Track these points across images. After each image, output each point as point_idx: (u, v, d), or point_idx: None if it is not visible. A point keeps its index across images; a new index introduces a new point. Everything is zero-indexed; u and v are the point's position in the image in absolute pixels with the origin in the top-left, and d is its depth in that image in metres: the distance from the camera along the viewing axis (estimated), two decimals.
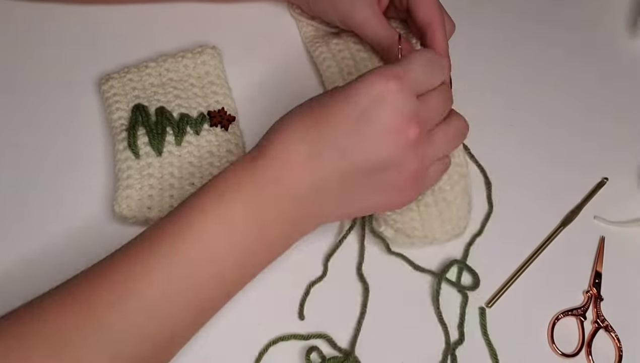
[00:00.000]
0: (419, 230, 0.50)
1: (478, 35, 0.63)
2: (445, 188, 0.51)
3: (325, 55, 0.58)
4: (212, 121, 0.53)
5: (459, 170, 0.52)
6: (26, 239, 0.49)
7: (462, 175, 0.52)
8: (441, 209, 0.50)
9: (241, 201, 0.40)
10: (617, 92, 0.63)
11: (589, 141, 0.59)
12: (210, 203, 0.40)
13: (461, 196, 0.51)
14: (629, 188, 0.57)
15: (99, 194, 0.51)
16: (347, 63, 0.57)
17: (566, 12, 0.68)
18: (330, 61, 0.58)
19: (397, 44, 0.51)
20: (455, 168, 0.51)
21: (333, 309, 0.49)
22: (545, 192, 0.56)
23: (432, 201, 0.51)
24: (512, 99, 0.61)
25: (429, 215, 0.50)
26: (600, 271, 0.52)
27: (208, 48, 0.57)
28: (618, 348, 0.50)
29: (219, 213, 0.40)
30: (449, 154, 0.47)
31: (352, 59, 0.57)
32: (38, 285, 0.47)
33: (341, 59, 0.57)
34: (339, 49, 0.58)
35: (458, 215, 0.51)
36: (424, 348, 0.48)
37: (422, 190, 0.45)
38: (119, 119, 0.52)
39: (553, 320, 0.50)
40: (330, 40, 0.59)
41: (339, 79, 0.57)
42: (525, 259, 0.52)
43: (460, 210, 0.51)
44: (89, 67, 0.57)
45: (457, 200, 0.51)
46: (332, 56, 0.58)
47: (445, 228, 0.50)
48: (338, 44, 0.58)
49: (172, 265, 0.39)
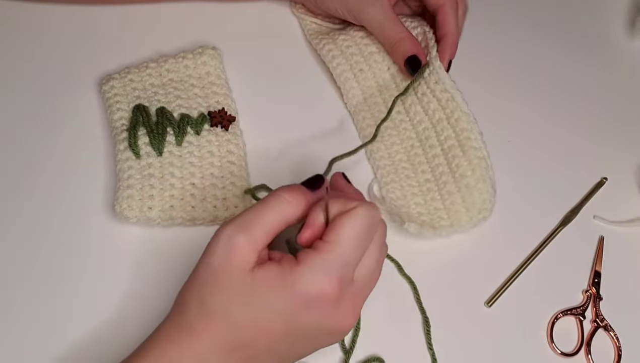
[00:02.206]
0: (445, 219, 0.50)
1: (477, 35, 0.63)
2: (466, 174, 0.51)
3: (333, 52, 0.58)
4: (212, 121, 0.53)
5: (478, 153, 0.52)
6: (27, 239, 0.49)
7: (481, 158, 0.52)
8: (464, 196, 0.51)
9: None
10: (617, 91, 0.63)
11: (588, 141, 0.59)
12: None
13: (482, 180, 0.51)
14: (629, 188, 0.57)
15: (100, 194, 0.51)
16: (357, 59, 0.57)
17: (565, 12, 0.68)
18: (340, 58, 0.58)
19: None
20: (473, 151, 0.51)
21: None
22: (545, 192, 0.56)
23: (454, 188, 0.51)
24: (511, 99, 0.61)
25: (453, 204, 0.51)
26: (599, 271, 0.53)
27: (208, 48, 0.57)
28: (617, 347, 0.50)
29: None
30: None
31: (360, 54, 0.58)
32: (38, 285, 0.48)
33: (350, 55, 0.58)
34: (346, 45, 0.58)
35: (482, 198, 0.51)
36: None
37: (360, 303, 0.41)
38: (119, 119, 0.53)
39: (552, 320, 0.50)
40: (337, 37, 0.59)
41: (349, 75, 0.57)
42: (524, 259, 0.53)
43: (483, 193, 0.51)
44: (90, 68, 0.57)
45: (479, 184, 0.51)
46: (341, 53, 0.58)
47: (471, 214, 0.50)
48: (345, 40, 0.58)
49: None
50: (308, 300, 0.37)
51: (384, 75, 0.57)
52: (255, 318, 0.37)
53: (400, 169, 0.54)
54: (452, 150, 0.53)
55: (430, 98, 0.54)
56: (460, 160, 0.52)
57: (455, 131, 0.53)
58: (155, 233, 0.50)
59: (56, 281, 0.48)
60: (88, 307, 0.47)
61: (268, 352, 0.39)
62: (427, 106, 0.54)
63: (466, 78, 0.56)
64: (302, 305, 0.37)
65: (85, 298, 0.47)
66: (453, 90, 0.54)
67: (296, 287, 0.37)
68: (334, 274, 0.37)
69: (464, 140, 0.52)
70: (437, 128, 0.54)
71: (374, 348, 0.48)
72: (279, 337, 0.38)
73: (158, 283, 0.47)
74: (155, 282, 0.47)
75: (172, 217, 0.49)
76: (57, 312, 0.46)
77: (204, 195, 0.50)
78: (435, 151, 0.53)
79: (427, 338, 0.48)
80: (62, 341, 0.45)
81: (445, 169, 0.53)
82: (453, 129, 0.53)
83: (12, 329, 0.46)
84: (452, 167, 0.52)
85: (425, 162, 0.54)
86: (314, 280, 0.37)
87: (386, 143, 0.55)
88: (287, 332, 0.38)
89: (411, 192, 0.53)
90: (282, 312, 0.37)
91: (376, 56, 0.57)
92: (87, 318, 0.46)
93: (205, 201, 0.50)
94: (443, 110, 0.54)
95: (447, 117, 0.54)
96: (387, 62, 0.58)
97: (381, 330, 0.48)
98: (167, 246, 0.50)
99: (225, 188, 0.51)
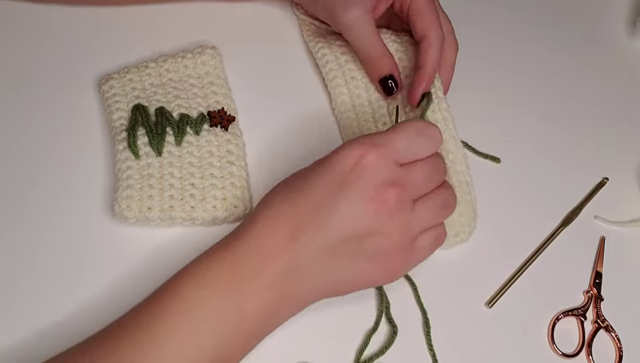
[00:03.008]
0: None
1: (477, 35, 0.63)
2: None
3: (328, 57, 0.57)
4: (212, 121, 0.53)
5: (460, 177, 0.51)
6: (25, 239, 0.49)
7: (462, 181, 0.51)
8: None
9: (220, 292, 0.39)
10: (617, 91, 0.63)
11: (589, 141, 0.59)
12: (188, 290, 0.39)
13: (463, 203, 0.50)
14: (630, 188, 0.57)
15: (99, 194, 0.51)
16: (350, 67, 0.57)
17: (566, 12, 0.68)
18: (333, 64, 0.57)
19: (395, 111, 0.50)
20: (456, 175, 0.51)
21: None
22: (545, 192, 0.56)
23: None
24: (511, 99, 0.61)
25: None
26: (600, 271, 0.52)
27: (208, 48, 0.57)
28: (618, 348, 0.50)
29: (197, 301, 0.39)
30: (440, 223, 0.45)
31: (354, 62, 0.57)
32: (37, 285, 0.47)
33: (344, 62, 0.57)
34: (342, 51, 0.57)
35: (461, 220, 0.50)
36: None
37: (412, 262, 0.44)
38: (118, 119, 0.52)
39: (553, 320, 0.50)
40: (333, 42, 0.58)
41: (341, 81, 0.56)
42: (525, 259, 0.52)
43: (462, 216, 0.50)
44: (89, 67, 0.57)
45: (460, 206, 0.49)
46: (335, 58, 0.57)
47: (450, 233, 0.49)
48: (341, 46, 0.58)
49: (145, 358, 0.38)
50: (355, 168, 0.40)
51: (375, 85, 0.56)
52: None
53: None
54: None
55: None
56: None
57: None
58: (154, 234, 0.50)
59: (55, 281, 0.48)
60: (87, 307, 0.47)
61: (312, 212, 0.41)
62: None
63: (466, 78, 0.56)
64: (352, 172, 0.40)
65: (84, 298, 0.47)
66: (445, 112, 0.52)
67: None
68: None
69: (449, 164, 0.51)
70: None
71: (373, 347, 0.48)
72: (324, 200, 0.40)
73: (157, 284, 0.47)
74: (155, 282, 0.47)
75: (171, 217, 0.49)
76: (56, 312, 0.46)
77: (203, 195, 0.50)
78: None
79: (427, 339, 0.48)
80: (62, 341, 0.45)
81: None
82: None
83: (12, 329, 0.45)
84: None
85: None
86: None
87: None
88: (334, 199, 0.40)
89: None
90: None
91: None
92: (87, 318, 0.46)
93: (204, 201, 0.50)
94: None
95: None
96: None
97: (381, 328, 0.48)
98: (166, 246, 0.50)
99: (225, 188, 0.51)
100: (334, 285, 0.43)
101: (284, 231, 0.40)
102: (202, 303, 0.39)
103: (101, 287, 0.48)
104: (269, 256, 0.40)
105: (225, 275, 0.40)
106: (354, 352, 0.47)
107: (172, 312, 0.39)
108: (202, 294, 0.39)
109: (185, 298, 0.39)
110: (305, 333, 0.47)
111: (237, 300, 0.39)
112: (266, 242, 0.41)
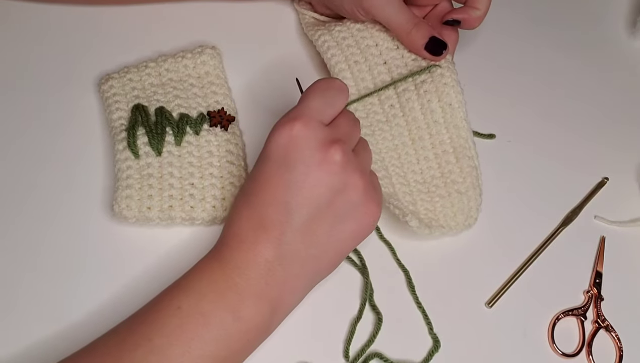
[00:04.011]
0: (435, 220, 0.51)
1: (477, 35, 0.63)
2: (458, 181, 0.52)
3: (329, 43, 0.57)
4: (211, 121, 0.53)
5: (470, 163, 0.53)
6: (25, 239, 0.49)
7: (472, 166, 0.53)
8: (453, 200, 0.52)
9: (215, 300, 0.40)
10: (617, 91, 0.63)
11: (589, 141, 0.59)
12: (184, 302, 0.40)
13: (472, 187, 0.52)
14: (630, 188, 0.57)
15: (99, 194, 0.51)
16: (352, 51, 0.56)
17: (566, 12, 0.68)
18: (335, 49, 0.57)
19: (297, 82, 0.50)
20: (467, 161, 0.52)
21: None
22: (545, 192, 0.56)
23: (445, 193, 0.52)
24: (512, 99, 0.61)
25: (444, 207, 0.52)
26: (600, 271, 0.52)
27: (208, 48, 0.57)
28: (618, 348, 0.50)
29: (195, 310, 0.40)
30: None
31: (356, 46, 0.57)
32: (37, 285, 0.47)
33: (346, 47, 0.57)
34: (342, 36, 0.57)
35: (469, 206, 0.52)
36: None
37: (380, 200, 0.45)
38: (118, 118, 0.52)
39: (553, 320, 0.50)
40: (332, 28, 0.58)
41: (344, 66, 0.56)
42: (525, 259, 0.52)
43: (471, 201, 0.52)
44: (89, 67, 0.57)
45: (469, 191, 0.52)
46: (337, 44, 0.57)
47: (458, 219, 0.51)
48: (341, 31, 0.57)
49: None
50: (289, 145, 0.41)
51: (379, 68, 0.56)
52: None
53: (391, 166, 0.53)
54: (445, 155, 0.53)
55: (432, 97, 0.54)
56: (453, 166, 0.53)
57: (451, 138, 0.53)
58: (154, 234, 0.50)
59: (55, 281, 0.48)
60: (87, 307, 0.47)
61: (275, 202, 0.41)
62: (426, 105, 0.54)
63: (466, 78, 0.56)
64: (289, 150, 0.41)
65: (84, 298, 0.47)
66: (459, 96, 0.53)
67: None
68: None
69: (459, 148, 0.53)
70: (432, 130, 0.53)
71: (374, 347, 0.48)
72: (280, 185, 0.41)
73: (157, 284, 0.47)
74: (155, 282, 0.47)
75: (171, 217, 0.49)
76: (56, 312, 0.46)
77: (203, 195, 0.50)
78: (427, 154, 0.53)
79: (414, 297, 0.50)
80: (62, 341, 0.45)
81: (436, 172, 0.53)
82: (449, 135, 0.53)
83: (11, 329, 0.45)
84: (444, 172, 0.53)
85: (415, 162, 0.53)
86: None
87: (377, 137, 0.54)
88: (288, 180, 0.41)
89: (402, 190, 0.52)
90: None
91: (373, 49, 0.57)
92: (86, 318, 0.46)
93: (204, 201, 0.50)
94: (443, 114, 0.53)
95: (445, 122, 0.53)
96: (383, 56, 0.57)
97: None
98: (166, 246, 0.50)
99: (225, 188, 0.51)
100: (327, 258, 0.43)
101: (252, 234, 0.41)
102: (200, 313, 0.39)
103: (101, 286, 0.48)
104: (251, 262, 0.41)
105: (219, 284, 0.41)
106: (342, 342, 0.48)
107: (173, 324, 0.39)
108: (199, 305, 0.40)
109: (184, 309, 0.40)
110: (297, 332, 0.47)
111: (232, 306, 0.40)
112: (241, 254, 0.41)
